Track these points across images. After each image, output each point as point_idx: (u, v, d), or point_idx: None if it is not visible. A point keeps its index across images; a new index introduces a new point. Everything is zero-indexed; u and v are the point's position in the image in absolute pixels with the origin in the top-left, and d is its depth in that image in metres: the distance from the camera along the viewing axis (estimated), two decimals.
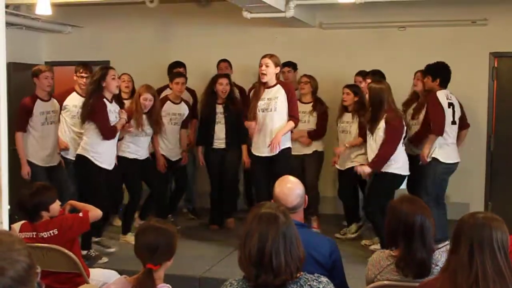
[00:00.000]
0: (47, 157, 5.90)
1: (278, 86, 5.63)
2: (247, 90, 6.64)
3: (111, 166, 5.54)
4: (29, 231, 3.79)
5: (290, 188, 3.19)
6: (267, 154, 5.61)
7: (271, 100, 5.58)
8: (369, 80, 5.94)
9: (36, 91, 5.88)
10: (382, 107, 5.38)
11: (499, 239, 2.27)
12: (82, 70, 6.19)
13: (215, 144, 6.60)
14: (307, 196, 3.28)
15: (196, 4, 7.91)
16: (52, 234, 3.76)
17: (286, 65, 6.97)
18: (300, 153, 6.51)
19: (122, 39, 8.13)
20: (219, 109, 6.57)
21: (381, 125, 5.39)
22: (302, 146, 6.55)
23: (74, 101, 6.12)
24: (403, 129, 5.48)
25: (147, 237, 2.73)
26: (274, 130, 5.57)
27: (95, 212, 4.00)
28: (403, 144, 5.54)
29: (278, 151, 5.56)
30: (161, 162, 6.38)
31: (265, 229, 2.31)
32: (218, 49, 7.60)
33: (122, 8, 7.99)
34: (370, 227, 6.09)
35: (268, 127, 5.59)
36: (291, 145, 5.82)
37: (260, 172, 5.74)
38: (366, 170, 5.47)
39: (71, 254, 3.66)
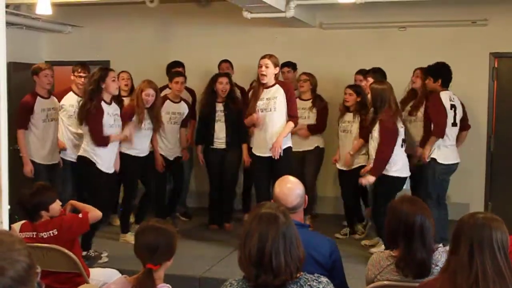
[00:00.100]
0: (48, 155, 5.90)
1: (277, 86, 5.62)
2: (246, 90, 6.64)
3: (110, 170, 5.51)
4: (29, 231, 3.80)
5: (290, 188, 3.19)
6: (268, 154, 5.60)
7: (270, 100, 5.57)
8: (370, 79, 5.93)
9: (36, 89, 5.87)
10: (382, 108, 5.38)
11: (499, 240, 2.27)
12: (80, 69, 6.18)
13: (215, 144, 6.60)
14: (307, 196, 3.28)
15: (196, 4, 7.91)
16: (52, 234, 3.77)
17: (285, 65, 6.96)
18: (300, 149, 6.49)
19: (122, 39, 8.13)
20: (219, 107, 6.57)
21: (377, 126, 5.39)
22: (301, 140, 6.51)
23: (71, 100, 6.12)
24: (397, 131, 5.41)
25: (147, 237, 2.73)
26: (274, 130, 5.56)
27: (95, 213, 4.01)
28: (402, 146, 5.53)
29: (280, 151, 5.54)
30: (159, 161, 6.37)
31: (265, 229, 2.31)
32: (218, 49, 7.60)
33: (122, 8, 7.99)
34: (373, 226, 6.11)
35: (268, 127, 5.59)
36: (291, 141, 5.78)
37: (260, 172, 5.74)
38: (370, 180, 5.44)
39: (71, 254, 3.66)
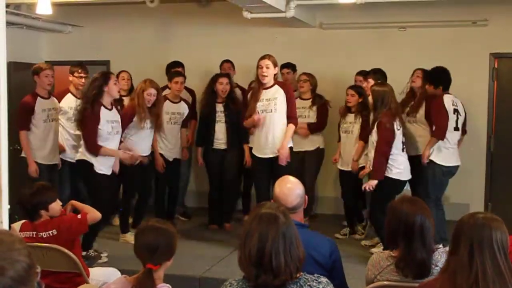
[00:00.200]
0: (49, 155, 5.90)
1: (277, 87, 5.61)
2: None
3: (109, 171, 5.49)
4: (29, 230, 3.80)
5: (290, 188, 3.19)
6: (269, 155, 5.59)
7: (270, 101, 5.56)
8: (370, 80, 5.91)
9: (36, 89, 5.87)
10: (382, 110, 5.37)
11: (499, 240, 2.27)
12: (80, 70, 6.17)
13: (215, 144, 6.59)
14: (307, 196, 3.28)
15: (196, 4, 7.91)
16: (51, 234, 3.77)
17: (285, 66, 6.96)
18: (302, 149, 6.49)
19: (122, 39, 8.13)
20: (219, 108, 6.57)
21: (375, 128, 5.38)
22: (302, 140, 6.50)
23: (69, 103, 6.12)
24: (393, 132, 5.37)
25: (147, 237, 2.73)
26: (275, 130, 5.55)
27: (94, 214, 4.01)
28: (403, 150, 5.51)
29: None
30: (159, 162, 6.38)
31: (265, 229, 2.31)
32: (218, 49, 7.60)
33: (123, 8, 8.00)
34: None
35: (269, 128, 5.57)
36: (292, 141, 5.74)
37: (261, 173, 5.72)
38: (373, 184, 5.42)
39: (70, 253, 3.66)
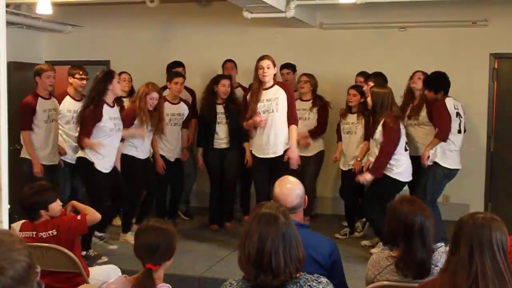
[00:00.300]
0: (49, 155, 5.91)
1: (277, 87, 5.61)
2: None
3: (107, 169, 5.47)
4: (29, 230, 3.81)
5: (290, 189, 3.19)
6: (270, 156, 5.59)
7: (271, 101, 5.55)
8: (371, 83, 5.91)
9: (37, 90, 5.87)
10: (383, 112, 5.37)
11: (499, 240, 2.27)
12: (82, 72, 6.15)
13: (216, 144, 6.59)
14: (307, 196, 3.28)
15: (196, 4, 7.91)
16: (51, 234, 3.78)
17: (285, 66, 6.96)
18: (302, 154, 6.48)
19: (122, 38, 8.13)
20: (220, 109, 6.56)
21: (379, 128, 5.38)
22: (302, 148, 6.44)
23: (68, 105, 6.10)
24: (400, 131, 5.42)
25: (147, 237, 2.74)
26: (277, 131, 5.55)
27: (94, 215, 4.00)
28: (406, 149, 5.52)
29: (282, 153, 5.55)
30: (159, 164, 6.38)
31: (265, 229, 2.31)
32: (218, 49, 7.60)
33: (123, 8, 8.00)
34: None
35: (270, 128, 5.57)
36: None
37: (261, 173, 5.71)
38: (367, 178, 5.44)
39: (70, 253, 3.66)
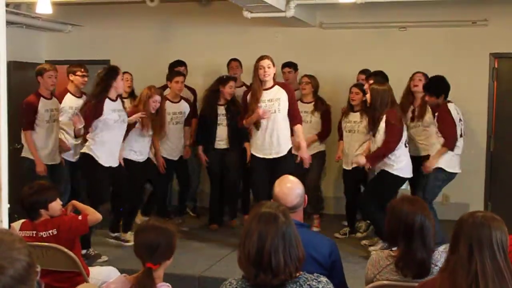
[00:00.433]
0: (50, 154, 5.92)
1: (277, 87, 5.60)
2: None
3: (109, 163, 5.49)
4: (29, 230, 3.80)
5: (289, 188, 3.19)
6: (271, 156, 5.59)
7: (273, 102, 5.54)
8: (371, 82, 5.92)
9: (39, 90, 5.89)
10: (383, 109, 5.38)
11: (499, 239, 2.27)
12: (83, 69, 6.18)
13: (216, 145, 6.59)
14: (306, 196, 3.28)
15: (196, 3, 7.91)
16: (51, 234, 3.77)
17: (286, 65, 6.96)
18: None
19: (122, 38, 8.13)
20: (221, 110, 6.54)
21: (382, 125, 5.39)
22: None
23: (70, 102, 6.12)
24: (403, 128, 5.47)
25: (146, 236, 2.74)
26: (279, 131, 5.55)
27: (94, 216, 4.01)
28: (406, 145, 5.52)
29: (284, 153, 5.57)
30: (160, 163, 6.38)
31: (265, 228, 2.31)
32: (219, 49, 7.61)
33: (123, 7, 8.00)
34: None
35: (273, 129, 5.56)
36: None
37: (261, 173, 5.68)
38: (361, 161, 5.51)
39: (70, 253, 3.66)
